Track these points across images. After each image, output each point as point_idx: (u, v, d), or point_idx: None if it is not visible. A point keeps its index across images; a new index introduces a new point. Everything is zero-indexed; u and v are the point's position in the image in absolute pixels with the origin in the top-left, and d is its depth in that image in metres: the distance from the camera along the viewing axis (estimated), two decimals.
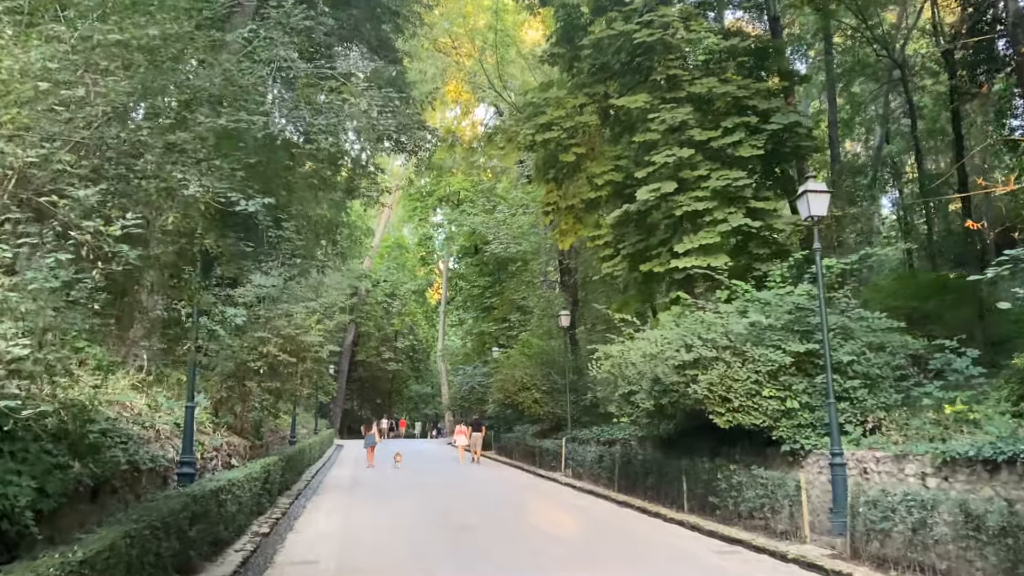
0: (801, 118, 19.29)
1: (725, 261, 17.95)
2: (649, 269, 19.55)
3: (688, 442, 17.24)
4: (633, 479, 19.28)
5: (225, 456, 15.04)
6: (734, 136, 18.55)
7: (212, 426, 15.72)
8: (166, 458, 11.03)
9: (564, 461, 25.60)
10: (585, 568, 11.01)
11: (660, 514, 15.66)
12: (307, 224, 24.44)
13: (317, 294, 18.16)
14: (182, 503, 8.72)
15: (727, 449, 15.39)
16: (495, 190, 46.98)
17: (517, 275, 46.94)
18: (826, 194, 12.55)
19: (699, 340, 14.07)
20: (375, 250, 66.52)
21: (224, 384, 17.31)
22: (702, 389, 13.61)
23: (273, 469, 16.75)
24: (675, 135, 19.27)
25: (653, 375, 15.33)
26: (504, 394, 30.09)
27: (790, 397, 13.24)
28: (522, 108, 21.96)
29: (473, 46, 37.62)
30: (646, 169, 18.95)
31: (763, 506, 13.14)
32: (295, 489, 20.82)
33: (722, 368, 13.69)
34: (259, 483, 14.63)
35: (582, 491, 20.72)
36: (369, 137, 19.57)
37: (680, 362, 14.04)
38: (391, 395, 74.08)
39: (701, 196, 18.22)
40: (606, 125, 22.27)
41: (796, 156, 20.34)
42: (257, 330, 16.50)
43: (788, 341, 13.71)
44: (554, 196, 21.83)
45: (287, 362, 16.69)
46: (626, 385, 17.19)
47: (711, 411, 13.80)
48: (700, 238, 18.02)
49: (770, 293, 14.86)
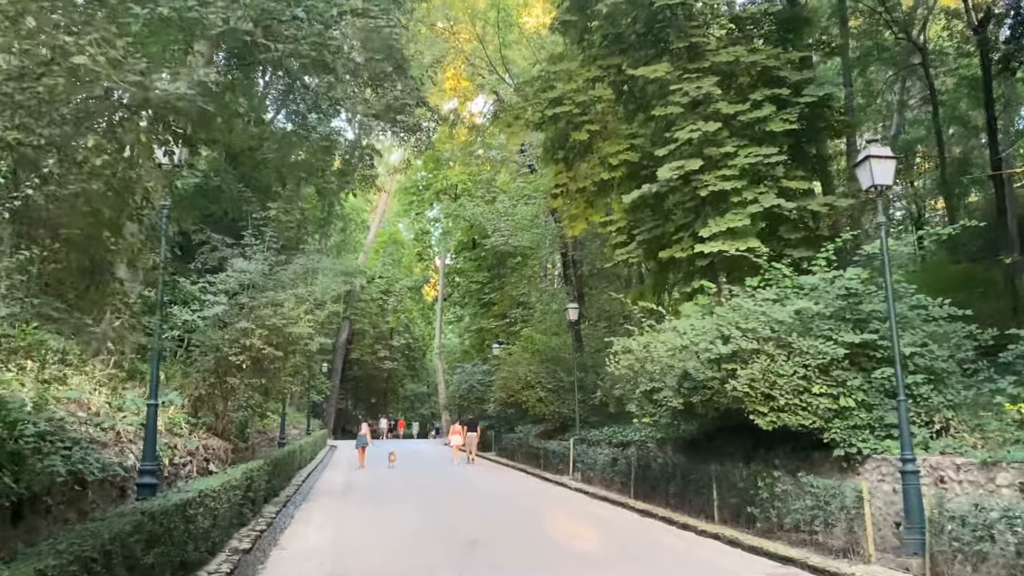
0: (836, 90, 17.63)
1: (755, 245, 16.35)
2: (669, 256, 17.91)
3: (717, 445, 15.64)
4: (652, 485, 17.66)
5: (202, 461, 13.38)
6: (763, 110, 16.92)
7: (188, 427, 14.05)
8: (124, 466, 9.34)
9: (572, 464, 23.97)
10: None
11: (689, 525, 14.03)
12: (298, 210, 22.88)
13: (307, 281, 16.47)
14: (134, 523, 7.07)
15: (764, 453, 13.77)
16: (495, 182, 45.26)
17: (518, 270, 45.34)
18: (891, 160, 10.91)
19: (738, 330, 12.45)
20: (370, 245, 64.81)
21: (205, 380, 15.64)
22: (742, 386, 12.00)
23: (257, 475, 15.09)
24: (698, 110, 17.66)
25: (682, 370, 13.74)
26: (507, 393, 28.43)
27: (843, 394, 11.62)
28: (530, 82, 20.33)
29: (473, 29, 35.90)
30: (667, 147, 17.32)
31: (813, 519, 11.52)
32: (283, 495, 19.17)
33: (765, 362, 12.09)
34: (240, 492, 12.98)
35: (595, 497, 19.10)
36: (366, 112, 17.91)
37: (716, 355, 12.43)
38: (386, 394, 72.39)
39: (728, 175, 16.58)
40: (619, 102, 20.62)
41: (829, 134, 18.71)
42: (239, 320, 14.83)
43: (840, 331, 12.09)
44: (564, 178, 20.16)
45: (273, 356, 15.02)
46: (647, 382, 15.60)
47: (752, 411, 12.20)
48: (728, 220, 16.38)
49: (815, 277, 13.22)
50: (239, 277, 15.23)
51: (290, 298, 15.50)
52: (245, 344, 14.73)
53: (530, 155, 38.65)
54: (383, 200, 66.35)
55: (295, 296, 15.53)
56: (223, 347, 14.94)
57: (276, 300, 15.24)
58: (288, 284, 16.02)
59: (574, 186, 20.02)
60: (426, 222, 64.17)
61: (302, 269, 16.78)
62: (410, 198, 60.10)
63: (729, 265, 17.93)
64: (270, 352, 14.88)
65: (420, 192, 58.54)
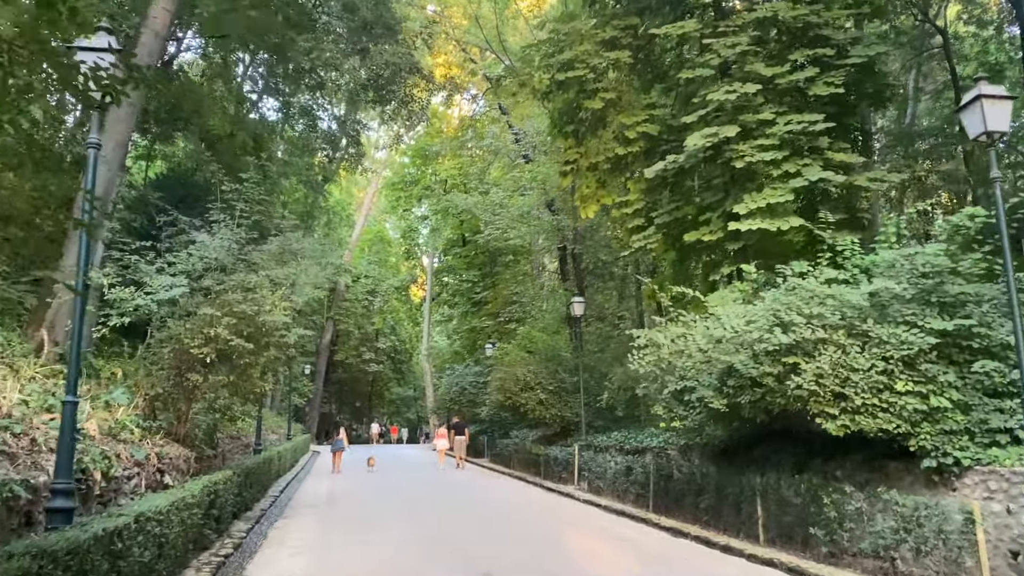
0: (886, 49, 15.61)
1: (797, 224, 14.33)
2: (695, 240, 15.82)
3: (759, 453, 13.56)
4: (676, 498, 15.56)
5: (154, 473, 11.14)
6: (805, 72, 14.90)
7: (140, 432, 11.79)
8: (29, 485, 7.08)
9: (578, 473, 21.84)
10: None
11: (732, 548, 11.91)
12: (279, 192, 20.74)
13: (283, 262, 14.24)
14: (17, 571, 4.87)
15: (822, 464, 11.68)
16: (487, 174, 43.12)
17: (511, 267, 43.23)
18: (1007, 101, 8.84)
19: (800, 317, 10.36)
20: (355, 243, 62.45)
21: (167, 377, 13.40)
22: (808, 383, 9.92)
23: (224, 488, 12.84)
24: (731, 72, 15.64)
25: (725, 366, 11.65)
26: (504, 395, 26.22)
27: (934, 393, 9.55)
28: (537, 46, 18.21)
29: (468, 8, 33.70)
30: (696, 113, 15.23)
31: (898, 543, 9.44)
32: (257, 509, 16.91)
33: (834, 354, 10.02)
34: (200, 509, 10.75)
35: (609, 511, 16.97)
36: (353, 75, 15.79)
37: (773, 347, 10.33)
38: (371, 398, 70.08)
39: (767, 144, 14.53)
40: (635, 71, 18.54)
41: (875, 103, 16.69)
42: (203, 307, 12.62)
43: (924, 317, 10.02)
44: (574, 154, 18.04)
45: (243, 349, 12.79)
46: (677, 380, 13.50)
47: (818, 412, 10.13)
48: (766, 196, 14.32)
49: (890, 252, 11.14)
50: (201, 254, 13.01)
51: (264, 281, 13.30)
52: (209, 334, 12.51)
53: (526, 145, 36.61)
54: (369, 196, 64.14)
55: (269, 278, 13.33)
56: (184, 338, 12.71)
57: (247, 283, 13.02)
58: (262, 266, 13.81)
59: (585, 163, 17.92)
60: (413, 219, 61.80)
61: (279, 250, 14.55)
62: (397, 194, 57.79)
63: (763, 250, 15.94)
64: (239, 344, 12.65)
65: (407, 188, 56.27)
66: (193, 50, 34.18)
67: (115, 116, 16.12)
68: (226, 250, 13.36)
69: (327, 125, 25.39)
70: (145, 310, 12.25)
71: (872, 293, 10.24)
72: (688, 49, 18.89)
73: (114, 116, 16.14)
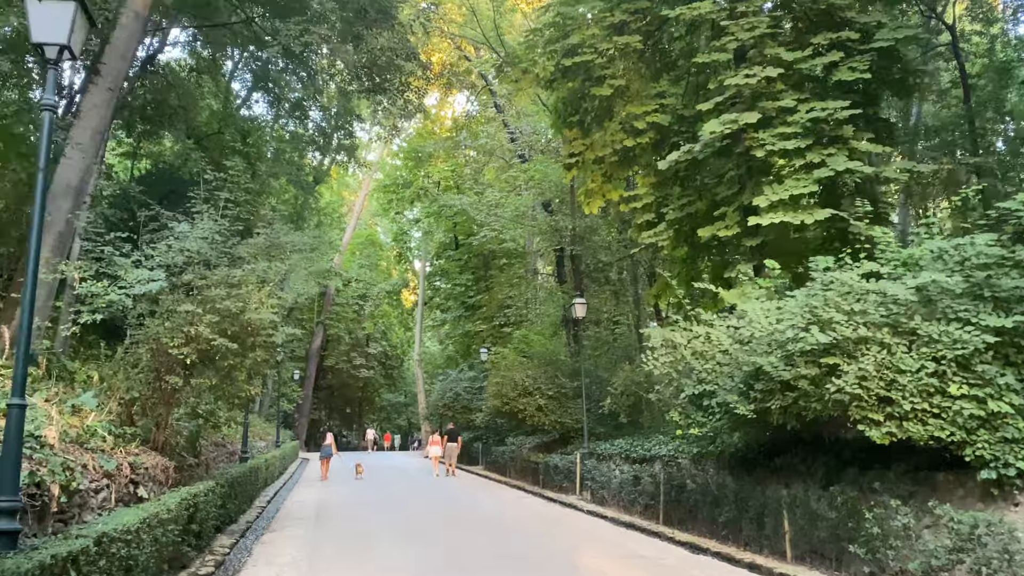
0: (915, 32, 14.75)
1: (822, 217, 13.43)
2: (710, 235, 14.89)
3: (782, 463, 12.64)
4: (689, 510, 14.61)
5: (126, 485, 10.10)
6: (829, 56, 14.01)
7: (112, 439, 10.75)
8: None
9: (580, 482, 20.85)
10: None
11: (758, 566, 10.96)
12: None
13: (270, 256, 13.20)
14: None
15: (857, 475, 10.74)
16: (482, 175, 42.15)
17: (506, 270, 42.28)
18: None
19: (839, 314, 9.43)
20: (345, 246, 61.32)
21: (144, 379, 12.37)
22: (850, 386, 8.97)
23: (205, 500, 11.81)
24: (748, 57, 14.74)
25: (752, 368, 10.71)
26: (501, 400, 25.21)
27: (992, 397, 8.63)
28: (540, 31, 17.22)
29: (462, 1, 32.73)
30: (712, 99, 14.34)
31: (954, 564, 8.49)
32: (243, 521, 15.85)
33: (878, 354, 9.09)
34: (177, 525, 9.72)
35: (618, 524, 16.00)
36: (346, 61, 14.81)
37: (811, 346, 9.39)
38: (362, 404, 68.89)
39: (788, 133, 13.62)
40: (643, 60, 17.62)
41: (900, 91, 15.80)
42: (183, 303, 11.59)
43: (979, 313, 9.10)
44: (579, 146, 17.08)
45: (226, 349, 11.76)
46: (695, 384, 12.55)
47: (860, 418, 9.20)
48: (788, 187, 13.41)
49: (937, 242, 10.20)
50: (181, 245, 11.97)
51: (249, 277, 12.28)
52: (190, 333, 11.48)
53: (522, 144, 35.69)
54: (360, 199, 63.09)
55: (254, 272, 12.31)
56: (163, 337, 11.69)
57: (230, 278, 12.00)
58: (248, 260, 12.78)
59: (591, 155, 16.98)
60: (405, 223, 60.70)
61: (266, 243, 13.52)
62: (389, 196, 56.67)
63: (778, 248, 15.05)
64: (222, 344, 11.62)
65: (399, 190, 55.18)
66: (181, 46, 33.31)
67: (91, 102, 15.16)
68: (208, 243, 12.32)
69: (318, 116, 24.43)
70: (120, 306, 11.20)
71: (919, 287, 9.31)
72: (699, 37, 18.00)
73: (90, 102, 15.18)
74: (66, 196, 14.30)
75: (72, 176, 14.35)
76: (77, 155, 14.42)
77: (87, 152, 14.67)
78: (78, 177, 14.45)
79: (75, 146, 14.34)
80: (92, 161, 15.07)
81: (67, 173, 14.36)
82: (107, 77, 15.06)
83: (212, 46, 27.69)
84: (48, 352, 14.50)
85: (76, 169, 14.43)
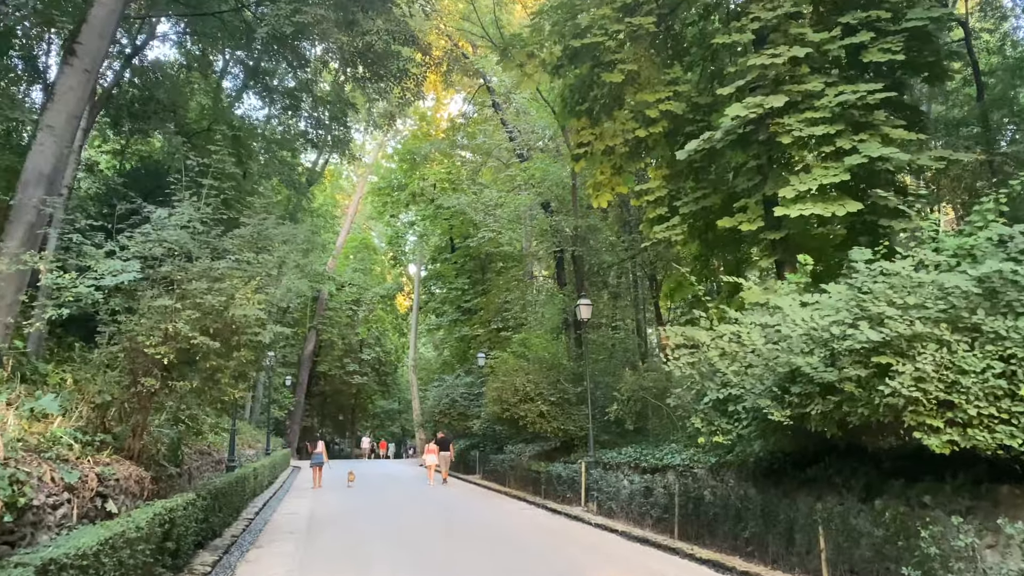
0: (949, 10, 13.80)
1: (854, 209, 12.46)
2: (733, 226, 13.89)
3: (813, 473, 11.59)
4: (707, 524, 13.61)
5: (92, 499, 9.02)
6: (859, 36, 13.07)
7: (80, 447, 9.68)
8: None
9: (585, 492, 19.80)
10: None
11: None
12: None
13: (258, 248, 12.14)
14: None
15: (902, 487, 9.71)
16: (479, 175, 41.15)
17: (503, 273, 41.28)
18: None
19: (891, 307, 8.43)
20: (339, 250, 60.26)
21: (118, 381, 11.30)
22: (906, 388, 7.97)
23: (184, 514, 10.77)
24: (770, 40, 13.79)
25: (787, 369, 9.71)
26: (502, 407, 24.14)
27: None
28: (547, 13, 16.17)
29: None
30: (734, 83, 13.38)
31: None
32: (228, 535, 14.81)
33: (936, 352, 8.09)
34: (149, 544, 8.69)
35: (629, 538, 14.96)
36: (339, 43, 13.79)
37: (860, 345, 8.39)
38: (355, 411, 67.75)
39: (816, 118, 12.67)
40: (655, 46, 16.66)
41: (932, 76, 14.83)
42: (160, 298, 10.54)
43: None
44: (588, 135, 16.09)
45: (208, 349, 10.71)
46: (717, 388, 11.56)
47: (916, 425, 8.20)
48: (817, 176, 12.44)
49: (995, 229, 9.21)
50: (159, 234, 10.92)
51: (234, 269, 11.23)
52: (167, 331, 10.43)
53: (522, 143, 34.74)
54: (354, 202, 62.12)
55: (238, 264, 11.26)
56: (138, 335, 10.63)
57: (213, 271, 10.94)
58: (233, 252, 11.72)
59: (600, 145, 16.00)
60: (400, 226, 59.59)
61: (253, 234, 12.46)
62: (383, 199, 55.57)
63: (798, 243, 14.12)
64: (203, 343, 10.57)
65: (394, 193, 54.10)
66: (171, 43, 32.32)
67: (66, 84, 14.10)
68: (189, 232, 11.25)
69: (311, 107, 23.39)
70: (89, 300, 10.14)
71: (981, 278, 8.32)
72: (713, 23, 17.07)
73: (65, 84, 14.12)
74: (38, 184, 13.23)
75: (44, 163, 13.29)
76: (49, 140, 13.36)
77: (61, 137, 13.60)
78: (50, 164, 13.38)
79: (47, 130, 13.28)
80: (67, 148, 13.99)
81: (38, 159, 13.30)
82: (84, 58, 14.01)
83: (202, 39, 26.71)
84: (18, 353, 13.44)
85: (48, 155, 13.36)
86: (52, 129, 13.42)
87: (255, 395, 42.60)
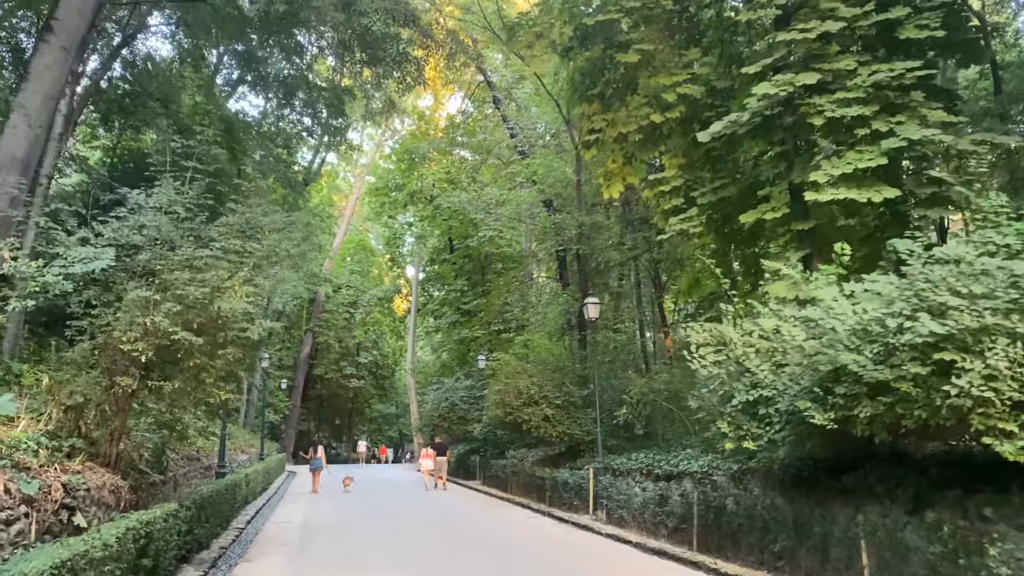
0: None
1: (892, 195, 11.54)
2: (756, 219, 12.98)
3: (851, 482, 10.62)
4: (731, 536, 12.67)
5: (55, 512, 8.06)
6: (896, 11, 12.17)
7: (46, 454, 8.72)
8: None
9: (594, 500, 18.85)
10: None
11: None
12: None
13: (247, 237, 11.18)
14: None
15: (957, 497, 8.76)
16: (478, 173, 40.25)
17: (504, 274, 40.33)
18: None
19: (956, 297, 7.50)
20: (336, 251, 59.29)
21: (93, 381, 10.35)
22: (976, 387, 7.05)
23: (163, 527, 9.78)
24: (796, 18, 12.89)
25: (830, 367, 8.78)
26: (504, 410, 23.19)
27: None
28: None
29: None
30: (760, 61, 12.47)
31: None
32: (215, 547, 13.81)
33: (1009, 347, 7.17)
34: (121, 563, 7.71)
35: (644, 550, 14.02)
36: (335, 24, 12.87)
37: (921, 339, 7.45)
38: (352, 415, 66.71)
39: (849, 98, 11.76)
40: (671, 28, 15.77)
41: (966, 56, 13.95)
42: (138, 289, 9.58)
43: None
44: (599, 121, 15.18)
45: (191, 345, 9.75)
46: (747, 389, 10.62)
47: (985, 429, 7.28)
48: (852, 160, 11.52)
49: None
50: (137, 220, 9.97)
51: (220, 258, 10.28)
52: (146, 325, 9.47)
53: (522, 140, 33.84)
54: (351, 203, 61.19)
55: (225, 252, 10.31)
56: (115, 330, 9.67)
57: (195, 260, 9.99)
58: (219, 241, 10.76)
59: (612, 132, 15.09)
60: (398, 227, 58.63)
61: (241, 222, 11.51)
62: (381, 200, 54.60)
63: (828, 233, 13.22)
64: (185, 338, 9.61)
65: (391, 193, 53.14)
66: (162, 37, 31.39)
67: (42, 63, 13.15)
68: (170, 217, 10.30)
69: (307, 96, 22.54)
70: (58, 289, 9.18)
71: None
72: (729, 6, 16.20)
73: (41, 63, 13.17)
74: (10, 169, 12.28)
75: (16, 147, 12.34)
76: (23, 122, 12.41)
77: (36, 119, 12.66)
78: (24, 148, 12.43)
79: (20, 110, 12.34)
80: (42, 130, 13.03)
81: (11, 143, 12.36)
82: (61, 35, 13.08)
83: (193, 30, 25.80)
84: None
85: (21, 139, 12.42)
86: (25, 110, 12.48)
87: (249, 399, 41.60)
